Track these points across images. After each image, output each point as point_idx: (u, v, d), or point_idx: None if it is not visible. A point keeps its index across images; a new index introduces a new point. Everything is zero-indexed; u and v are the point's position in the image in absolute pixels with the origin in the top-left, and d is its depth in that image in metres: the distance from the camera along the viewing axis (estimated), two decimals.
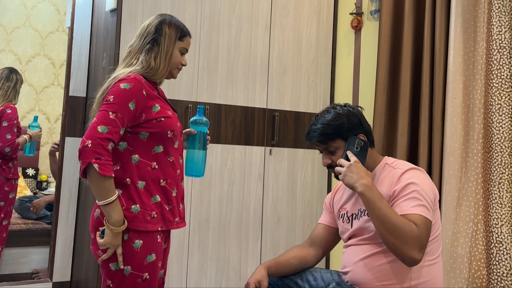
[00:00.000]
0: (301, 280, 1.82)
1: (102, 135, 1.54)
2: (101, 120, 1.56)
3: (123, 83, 1.61)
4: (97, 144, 1.52)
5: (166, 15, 1.78)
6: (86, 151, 1.52)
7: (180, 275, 2.72)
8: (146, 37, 1.72)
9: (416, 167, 1.69)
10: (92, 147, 1.52)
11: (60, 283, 2.87)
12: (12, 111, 2.98)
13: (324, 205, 1.95)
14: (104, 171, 1.52)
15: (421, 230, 1.52)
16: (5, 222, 2.96)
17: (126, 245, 1.60)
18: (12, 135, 2.93)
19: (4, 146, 2.89)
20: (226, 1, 2.90)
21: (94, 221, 1.65)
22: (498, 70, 2.36)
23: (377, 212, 1.54)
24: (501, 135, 2.33)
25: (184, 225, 1.77)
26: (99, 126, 1.55)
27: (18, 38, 3.55)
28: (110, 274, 1.61)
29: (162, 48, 1.71)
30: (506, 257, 2.26)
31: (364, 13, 3.16)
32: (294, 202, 3.14)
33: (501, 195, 2.30)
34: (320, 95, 3.26)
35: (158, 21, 1.74)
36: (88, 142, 1.52)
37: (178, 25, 1.77)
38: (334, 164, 1.73)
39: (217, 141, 2.84)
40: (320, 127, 1.73)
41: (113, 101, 1.59)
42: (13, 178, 3.02)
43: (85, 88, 2.96)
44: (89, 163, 1.51)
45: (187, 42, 1.78)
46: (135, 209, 1.62)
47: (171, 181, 1.70)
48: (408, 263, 1.54)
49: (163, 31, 1.72)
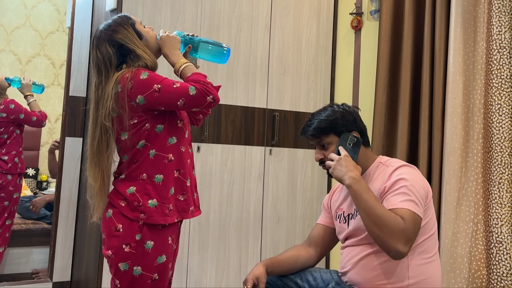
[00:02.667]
0: (300, 280, 1.82)
1: (195, 86, 1.58)
2: (181, 92, 1.58)
3: (140, 75, 1.59)
4: (199, 86, 1.58)
5: (97, 31, 1.71)
6: (206, 90, 1.58)
7: (180, 275, 2.72)
8: (111, 61, 1.66)
9: (408, 164, 1.70)
10: (202, 90, 1.58)
11: (60, 283, 2.87)
12: (15, 104, 3.00)
13: (323, 206, 1.96)
14: (202, 77, 1.62)
15: (407, 224, 1.52)
16: (8, 221, 2.97)
17: (137, 245, 1.60)
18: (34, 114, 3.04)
19: (40, 121, 3.03)
20: (226, 1, 2.90)
21: (106, 221, 1.65)
22: (498, 70, 2.36)
23: (363, 205, 1.56)
24: (501, 135, 2.33)
25: (199, 213, 1.77)
26: (189, 93, 1.57)
27: (18, 38, 3.55)
28: (119, 274, 1.61)
29: (136, 47, 1.67)
30: (506, 257, 2.26)
31: (364, 13, 3.16)
32: (294, 202, 3.14)
33: (501, 195, 2.30)
34: (320, 95, 3.26)
35: (106, 42, 1.67)
36: (206, 95, 1.59)
37: (116, 22, 1.70)
38: (326, 159, 1.75)
39: (217, 141, 2.84)
40: (315, 121, 1.76)
41: (161, 84, 1.58)
42: (19, 173, 3.02)
43: (85, 88, 2.96)
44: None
45: (137, 20, 1.74)
46: (152, 203, 1.62)
47: (184, 171, 1.70)
48: (393, 256, 1.54)
49: (118, 40, 1.67)
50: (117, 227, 1.61)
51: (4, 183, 2.96)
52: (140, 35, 1.72)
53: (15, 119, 2.97)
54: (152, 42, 1.74)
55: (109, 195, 1.68)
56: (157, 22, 2.65)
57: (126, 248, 1.60)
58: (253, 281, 1.72)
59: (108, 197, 1.68)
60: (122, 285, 1.61)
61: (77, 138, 2.92)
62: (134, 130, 1.63)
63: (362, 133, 1.78)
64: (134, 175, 1.63)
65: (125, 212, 1.62)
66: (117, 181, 1.68)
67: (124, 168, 1.67)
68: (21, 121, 3.00)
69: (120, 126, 1.65)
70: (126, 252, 1.59)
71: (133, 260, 1.59)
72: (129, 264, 1.60)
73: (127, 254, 1.59)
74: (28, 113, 3.01)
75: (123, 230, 1.61)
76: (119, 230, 1.61)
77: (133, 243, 1.60)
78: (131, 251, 1.60)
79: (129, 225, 1.61)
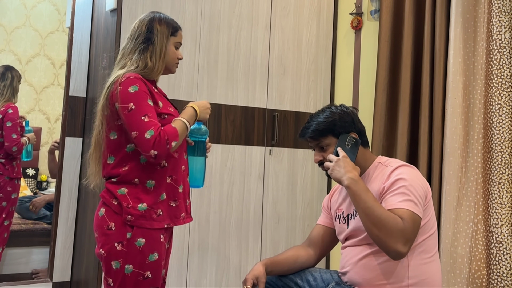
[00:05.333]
0: (300, 280, 1.82)
1: (154, 134, 1.57)
2: (141, 128, 1.58)
3: (130, 87, 1.61)
4: (157, 138, 1.58)
5: (155, 12, 1.77)
6: (159, 145, 1.58)
7: (180, 275, 2.72)
8: (138, 37, 1.71)
9: (407, 164, 1.70)
10: (156, 142, 1.57)
11: (60, 283, 2.87)
12: (13, 111, 2.99)
13: (322, 207, 1.96)
14: (174, 138, 1.62)
15: (406, 224, 1.52)
16: (7, 222, 2.97)
17: (128, 243, 1.60)
18: (17, 134, 2.96)
19: (12, 145, 2.93)
20: (226, 1, 2.90)
21: (98, 220, 1.66)
22: (498, 70, 2.36)
23: (362, 205, 1.56)
24: (501, 135, 2.33)
25: (190, 220, 1.78)
26: (145, 133, 1.57)
27: (18, 38, 3.55)
28: (111, 273, 1.62)
29: (157, 46, 1.71)
30: (506, 257, 2.26)
31: (364, 13, 3.16)
32: (294, 202, 3.14)
33: (501, 195, 2.30)
34: (320, 95, 3.26)
35: (148, 20, 1.73)
36: (153, 149, 1.58)
37: (168, 21, 1.76)
38: (325, 160, 1.75)
39: (217, 141, 2.84)
40: (312, 123, 1.77)
41: (136, 107, 1.59)
42: (16, 178, 3.02)
43: (85, 88, 2.96)
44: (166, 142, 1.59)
45: (179, 36, 1.78)
46: (141, 207, 1.63)
47: (177, 177, 1.71)
48: (393, 256, 1.54)
49: (155, 29, 1.72)
50: (109, 226, 1.62)
51: (2, 184, 2.96)
52: (167, 46, 1.74)
53: (1, 121, 2.95)
54: (168, 59, 1.76)
55: (101, 194, 1.70)
56: None
57: (118, 247, 1.61)
58: (253, 281, 1.72)
59: (101, 195, 1.70)
60: (114, 284, 1.62)
61: (77, 138, 2.92)
62: (121, 132, 1.66)
63: (360, 133, 1.78)
64: (127, 180, 1.65)
65: (117, 211, 1.63)
66: (109, 182, 1.69)
67: (114, 172, 1.67)
68: (4, 127, 2.94)
69: (108, 125, 1.68)
70: (118, 251, 1.60)
71: (125, 258, 1.60)
72: (120, 263, 1.60)
73: (119, 253, 1.60)
74: (14, 129, 2.94)
75: (115, 228, 1.62)
76: (111, 228, 1.62)
77: (125, 241, 1.61)
78: (122, 249, 1.60)
79: (121, 224, 1.62)
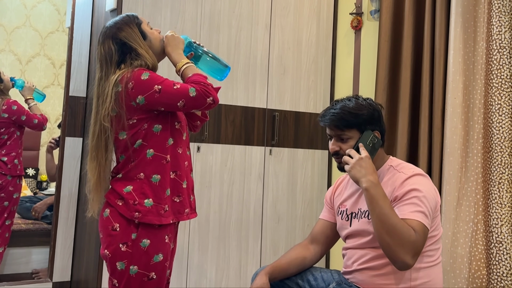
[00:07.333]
0: (301, 280, 1.82)
1: (195, 88, 1.59)
2: (182, 93, 1.59)
3: (141, 76, 1.60)
4: (198, 87, 1.60)
5: (103, 28, 1.73)
6: (205, 91, 1.60)
7: (180, 275, 2.72)
8: (113, 57, 1.68)
9: (421, 172, 1.66)
10: (202, 91, 1.60)
11: (60, 283, 2.87)
12: (17, 106, 3.00)
13: (325, 200, 1.94)
14: (202, 78, 1.64)
15: (418, 237, 1.51)
16: (8, 222, 2.97)
17: (133, 244, 1.60)
18: (36, 117, 3.05)
19: (41, 126, 3.06)
20: (226, 1, 2.90)
21: (103, 221, 1.65)
22: (498, 70, 2.36)
23: (378, 211, 1.53)
24: (501, 135, 2.33)
25: (195, 216, 1.77)
26: (189, 95, 1.58)
27: (18, 38, 3.55)
28: (116, 274, 1.61)
29: (138, 46, 1.69)
30: (506, 257, 2.26)
31: (364, 13, 3.16)
32: (294, 202, 3.14)
33: (501, 195, 2.30)
34: (320, 95, 3.26)
35: (110, 36, 1.69)
36: (206, 97, 1.60)
37: (124, 21, 1.72)
38: (342, 152, 1.70)
39: (217, 141, 2.84)
40: (340, 112, 1.69)
41: (161, 85, 1.59)
42: (19, 176, 3.02)
43: (85, 88, 2.96)
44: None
45: (144, 21, 1.76)
46: (148, 203, 1.62)
47: (180, 173, 1.70)
48: (399, 267, 1.52)
49: (121, 37, 1.69)
50: (114, 226, 1.62)
51: (4, 184, 2.96)
52: (145, 35, 1.73)
53: (16, 120, 2.97)
54: (156, 43, 1.75)
55: (106, 195, 1.68)
56: (157, 22, 2.65)
57: (123, 247, 1.60)
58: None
59: (106, 196, 1.68)
60: (119, 285, 1.61)
61: (77, 138, 2.92)
62: (133, 131, 1.64)
63: (382, 133, 1.74)
64: (131, 175, 1.64)
65: (122, 211, 1.62)
66: (114, 180, 1.69)
67: (121, 168, 1.68)
68: (22, 122, 3.00)
69: (118, 126, 1.65)
70: (123, 252, 1.60)
71: (130, 259, 1.60)
72: (125, 263, 1.60)
73: (124, 253, 1.60)
74: (30, 116, 3.01)
75: (120, 229, 1.61)
76: (116, 229, 1.61)
77: (129, 242, 1.60)
78: (127, 250, 1.60)
79: (126, 225, 1.61)
